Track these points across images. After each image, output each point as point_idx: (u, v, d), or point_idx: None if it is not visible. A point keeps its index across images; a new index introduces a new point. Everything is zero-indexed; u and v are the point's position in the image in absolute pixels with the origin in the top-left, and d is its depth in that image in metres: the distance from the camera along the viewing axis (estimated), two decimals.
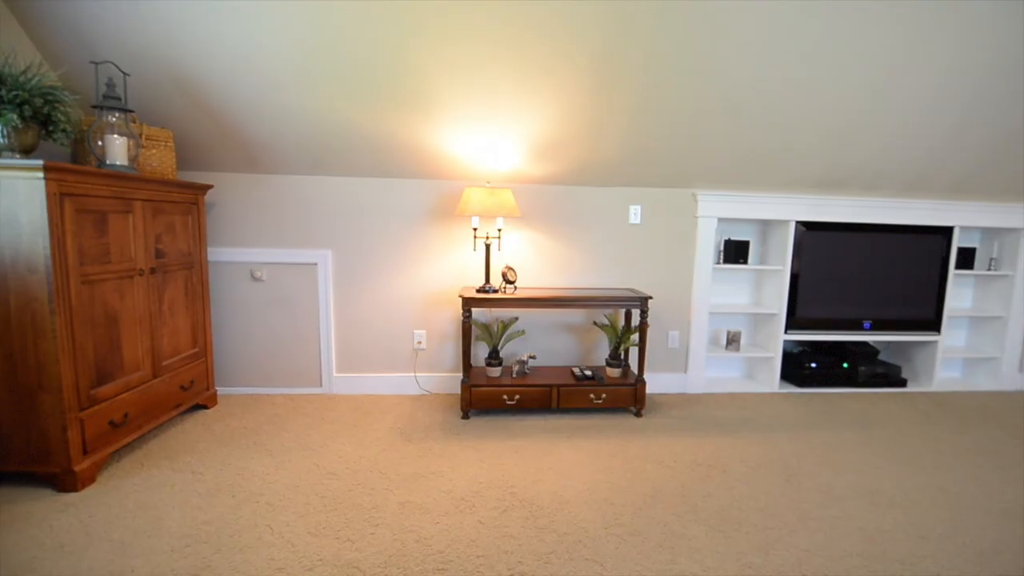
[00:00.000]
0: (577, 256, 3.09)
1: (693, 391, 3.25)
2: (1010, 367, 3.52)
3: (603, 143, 2.71)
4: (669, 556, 1.67)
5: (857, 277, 3.33)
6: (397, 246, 2.97)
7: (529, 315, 3.07)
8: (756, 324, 3.51)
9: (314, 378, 3.05)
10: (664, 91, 2.43)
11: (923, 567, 1.63)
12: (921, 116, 2.66)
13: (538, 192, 3.00)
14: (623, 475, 2.18)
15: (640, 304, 2.74)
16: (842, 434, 2.65)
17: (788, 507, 1.96)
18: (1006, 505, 2.01)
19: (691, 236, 3.16)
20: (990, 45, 2.31)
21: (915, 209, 3.28)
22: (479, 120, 2.53)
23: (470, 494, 2.01)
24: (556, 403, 2.74)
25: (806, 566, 1.63)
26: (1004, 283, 3.52)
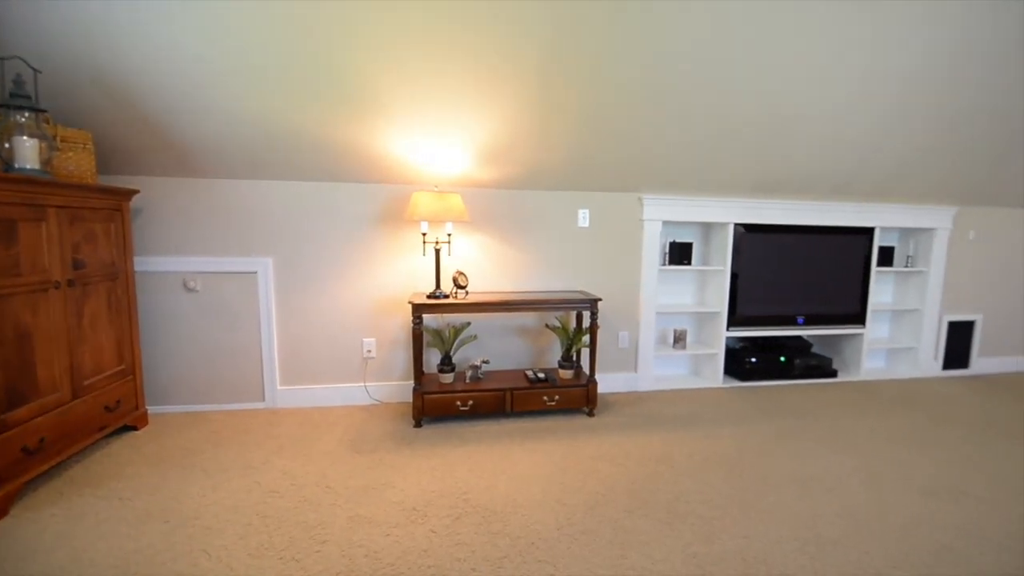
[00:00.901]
0: (528, 260, 3.11)
1: (643, 389, 3.34)
2: (926, 355, 3.83)
3: (550, 148, 2.75)
4: (620, 551, 1.70)
5: (791, 275, 3.53)
6: (343, 252, 2.89)
7: (481, 320, 3.06)
8: (701, 322, 3.65)
9: (256, 392, 2.91)
10: (608, 98, 2.50)
11: (852, 545, 1.74)
12: (844, 125, 2.86)
13: (487, 196, 3.01)
14: (576, 475, 2.20)
15: (590, 306, 2.79)
16: (780, 425, 2.79)
17: (730, 497, 2.04)
18: (924, 482, 2.18)
19: (638, 239, 3.25)
20: (906, 59, 2.52)
21: (841, 211, 3.51)
22: (426, 123, 2.51)
23: (422, 504, 1.97)
24: (510, 407, 2.74)
25: (747, 552, 1.70)
26: (920, 279, 3.83)
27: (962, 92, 2.77)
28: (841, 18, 2.29)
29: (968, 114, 2.90)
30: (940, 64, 2.58)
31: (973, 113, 2.90)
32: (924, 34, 2.41)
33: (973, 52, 2.55)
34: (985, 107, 2.87)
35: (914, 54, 2.52)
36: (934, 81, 2.68)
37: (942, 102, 2.81)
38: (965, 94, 2.78)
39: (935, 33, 2.41)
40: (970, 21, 2.39)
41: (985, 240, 3.85)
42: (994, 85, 2.75)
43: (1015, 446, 2.57)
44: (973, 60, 2.58)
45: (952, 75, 2.66)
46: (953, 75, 2.66)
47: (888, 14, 2.31)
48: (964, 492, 2.10)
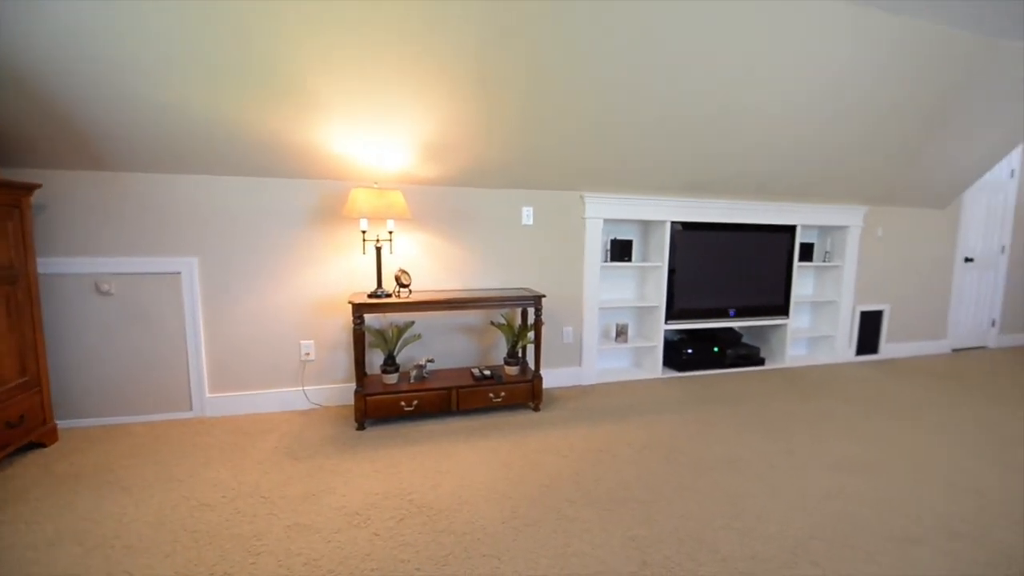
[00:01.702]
0: (472, 257, 3.10)
1: (587, 382, 3.42)
2: (842, 343, 4.17)
3: (493, 146, 2.76)
4: (563, 540, 1.74)
5: (723, 270, 3.73)
6: (277, 251, 2.77)
7: (425, 318, 3.02)
8: (641, 316, 3.79)
9: (182, 401, 2.73)
10: (547, 98, 2.54)
11: (773, 519, 1.86)
12: (768, 131, 3.06)
13: (430, 193, 2.97)
14: (521, 469, 2.22)
15: (534, 303, 2.83)
16: (713, 411, 2.95)
17: (667, 481, 2.13)
18: (835, 459, 2.37)
19: (580, 236, 3.33)
20: (824, 77, 2.73)
21: (766, 210, 3.75)
22: (364, 119, 2.45)
23: (365, 507, 1.92)
24: (456, 405, 2.72)
25: (682, 531, 1.78)
26: (836, 272, 4.16)
27: (871, 107, 3.04)
28: (767, 38, 2.45)
29: (876, 126, 3.19)
30: (853, 82, 2.82)
31: (881, 125, 3.19)
32: (842, 54, 2.63)
33: (882, 72, 2.81)
34: (891, 120, 3.17)
35: (831, 72, 2.74)
36: (848, 97, 2.93)
37: (854, 115, 3.07)
38: (874, 109, 3.06)
39: (852, 53, 2.63)
40: (883, 45, 2.63)
41: (891, 237, 4.24)
42: (898, 102, 3.03)
43: (913, 422, 2.85)
44: (882, 79, 2.84)
45: (863, 92, 2.92)
46: (864, 92, 2.92)
47: (810, 36, 2.50)
48: (871, 466, 2.31)
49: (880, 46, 2.69)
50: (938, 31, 2.68)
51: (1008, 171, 4.62)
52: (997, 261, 4.74)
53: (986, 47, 2.85)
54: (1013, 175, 4.63)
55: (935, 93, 3.09)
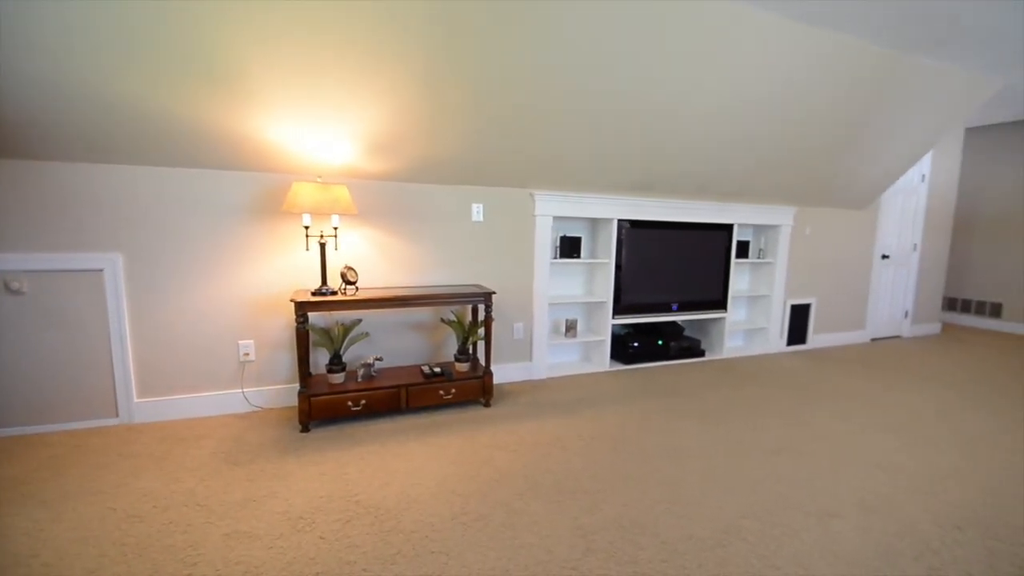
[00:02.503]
0: (422, 254, 3.07)
1: (538, 377, 3.48)
2: (774, 334, 4.44)
3: (442, 142, 2.74)
4: (511, 533, 1.76)
5: (666, 266, 3.88)
6: (212, 247, 2.63)
7: (373, 316, 2.97)
8: (590, 311, 3.88)
9: (107, 407, 2.55)
10: (496, 97, 2.55)
11: (709, 502, 1.97)
12: (706, 134, 3.20)
13: (377, 189, 2.91)
14: (471, 465, 2.23)
15: (485, 299, 2.84)
16: (657, 402, 3.07)
17: (613, 471, 2.20)
18: (767, 443, 2.53)
19: (530, 233, 3.36)
20: (754, 81, 2.89)
21: (706, 209, 3.93)
22: (307, 110, 2.37)
23: (310, 511, 1.87)
24: (405, 403, 2.69)
25: (624, 518, 1.85)
26: (768, 268, 4.42)
27: (799, 114, 3.24)
28: (705, 49, 2.56)
29: (803, 132, 3.41)
30: (782, 91, 3.00)
31: (807, 131, 3.41)
32: (772, 65, 2.79)
33: (808, 83, 3.00)
34: (816, 127, 3.39)
35: (762, 82, 2.90)
36: (777, 105, 3.12)
37: (782, 121, 3.26)
38: (801, 116, 3.26)
39: (781, 64, 2.80)
40: (810, 57, 2.81)
41: (818, 235, 4.55)
42: (823, 111, 3.26)
43: (836, 406, 3.08)
44: (808, 90, 3.04)
45: (791, 101, 3.11)
46: (792, 101, 3.11)
47: (744, 47, 2.63)
48: (798, 448, 2.48)
49: (807, 59, 2.88)
50: (859, 45, 2.90)
51: (919, 176, 5.06)
52: (910, 258, 5.20)
53: (899, 62, 3.11)
54: (924, 180, 5.08)
55: (855, 103, 3.34)
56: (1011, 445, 2.57)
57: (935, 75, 3.32)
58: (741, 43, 2.68)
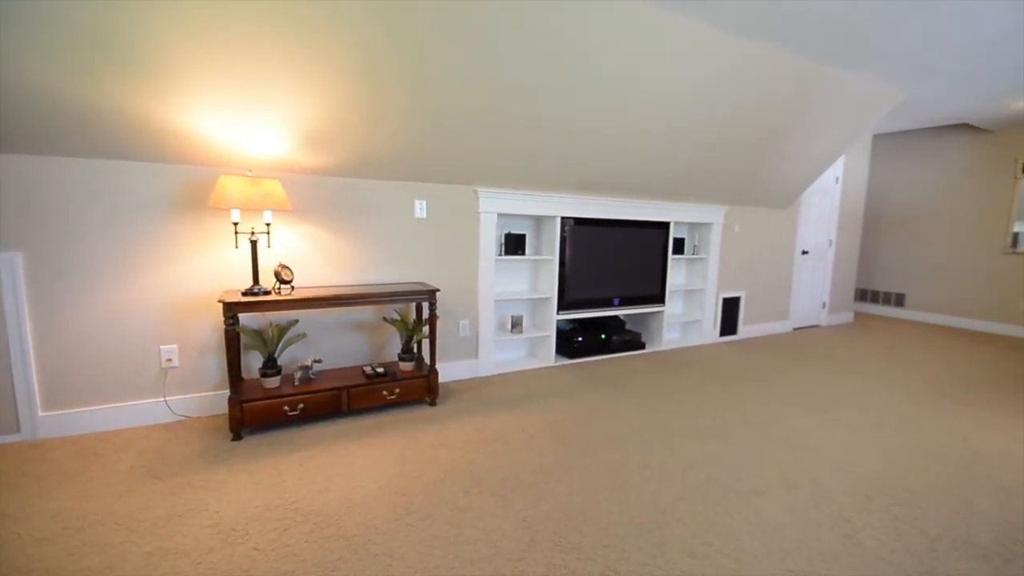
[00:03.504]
0: (363, 252, 2.98)
1: (485, 374, 3.47)
2: (708, 326, 4.68)
3: (382, 137, 2.67)
4: (456, 530, 1.75)
5: (608, 263, 3.99)
6: (130, 245, 2.43)
7: (312, 316, 2.85)
8: (535, 308, 3.93)
9: (7, 422, 2.29)
10: (439, 95, 2.53)
11: (647, 487, 2.05)
12: (644, 136, 3.32)
13: (314, 184, 2.80)
14: (416, 465, 2.20)
15: (428, 297, 2.80)
16: (600, 394, 3.16)
17: (557, 462, 2.24)
18: (700, 428, 2.66)
19: (474, 230, 3.35)
20: (686, 87, 3.03)
21: (644, 208, 4.08)
22: (237, 101, 2.23)
23: (242, 522, 1.78)
24: (347, 405, 2.61)
25: (568, 507, 1.89)
26: (702, 264, 4.65)
27: (726, 119, 3.43)
28: (641, 55, 2.66)
29: (730, 136, 3.61)
30: (711, 97, 3.16)
31: (734, 135, 3.61)
32: (701, 72, 2.93)
33: (735, 89, 3.18)
34: (742, 132, 3.60)
35: (693, 88, 3.04)
36: (706, 109, 3.28)
37: (711, 126, 3.44)
38: (728, 121, 3.45)
39: (710, 72, 2.94)
40: (736, 66, 2.97)
41: (746, 232, 4.84)
42: (747, 116, 3.46)
43: (762, 390, 3.29)
44: (734, 96, 3.22)
45: (719, 106, 3.29)
46: (720, 106, 3.29)
47: (676, 55, 2.75)
48: (728, 432, 2.63)
49: (734, 67, 3.05)
50: (781, 56, 3.11)
51: (834, 178, 5.50)
52: (826, 253, 5.64)
53: (816, 73, 3.37)
54: (838, 182, 5.52)
55: (777, 110, 3.58)
56: (913, 421, 2.85)
57: (847, 86, 3.61)
58: (675, 51, 2.80)
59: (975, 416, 2.94)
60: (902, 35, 2.88)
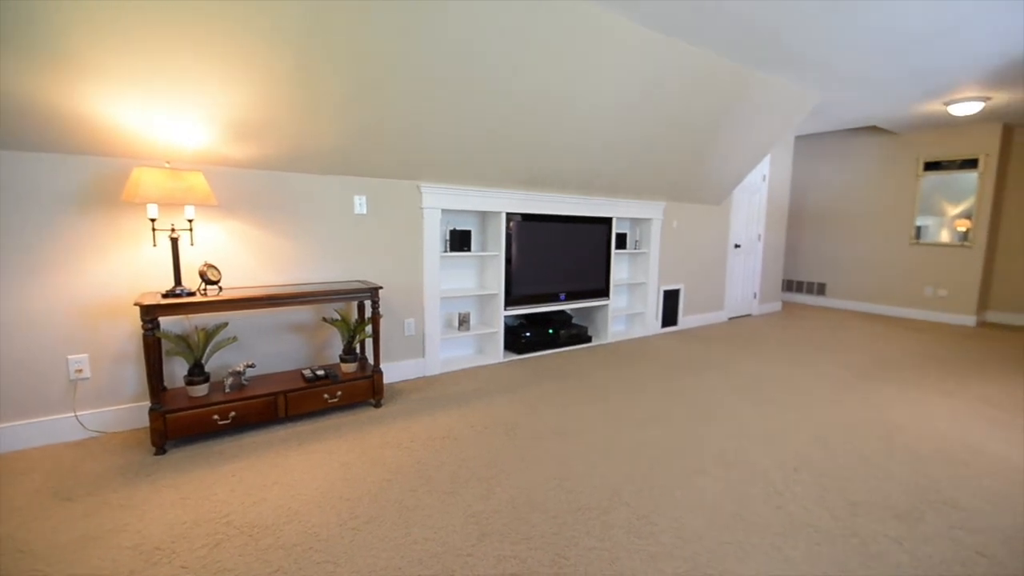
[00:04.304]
0: (299, 249, 2.85)
1: (432, 373, 3.41)
2: (651, 318, 4.84)
3: (317, 129, 2.56)
4: (404, 530, 1.70)
5: (554, 258, 4.03)
6: (31, 245, 2.18)
7: (243, 319, 2.69)
8: (482, 304, 3.91)
9: None
10: (378, 88, 2.45)
11: (595, 474, 2.08)
12: (585, 133, 3.38)
13: (243, 178, 2.64)
14: (360, 467, 2.12)
15: (370, 294, 2.71)
16: (547, 387, 3.18)
17: (506, 455, 2.23)
18: (643, 415, 2.74)
19: (418, 226, 3.29)
20: (622, 87, 3.10)
21: (588, 204, 4.16)
22: (154, 87, 2.06)
23: (168, 541, 1.64)
24: (285, 411, 2.48)
25: (517, 499, 1.88)
26: (644, 258, 4.80)
27: (661, 119, 3.56)
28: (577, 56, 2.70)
29: (666, 135, 3.74)
30: (647, 97, 3.26)
31: (669, 134, 3.75)
32: (637, 73, 3.02)
33: (669, 90, 3.30)
34: (676, 131, 3.75)
35: (629, 88, 3.13)
36: (643, 109, 3.38)
37: (647, 125, 3.56)
38: (663, 121, 3.58)
39: (645, 73, 3.04)
40: (670, 67, 3.08)
41: (684, 228, 5.04)
42: (681, 116, 3.61)
43: (700, 377, 3.44)
44: (669, 96, 3.34)
45: (654, 106, 3.40)
46: (655, 106, 3.40)
47: (612, 57, 2.81)
48: (669, 416, 2.72)
49: (670, 68, 3.17)
50: (712, 58, 3.26)
51: (761, 176, 5.84)
52: (755, 247, 5.98)
53: (744, 76, 3.56)
54: (764, 180, 5.87)
55: (710, 110, 3.75)
56: (836, 399, 3.07)
57: (770, 88, 3.85)
58: (611, 50, 2.86)
59: (890, 392, 3.21)
60: (815, 41, 3.09)
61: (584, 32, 2.70)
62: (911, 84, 4.01)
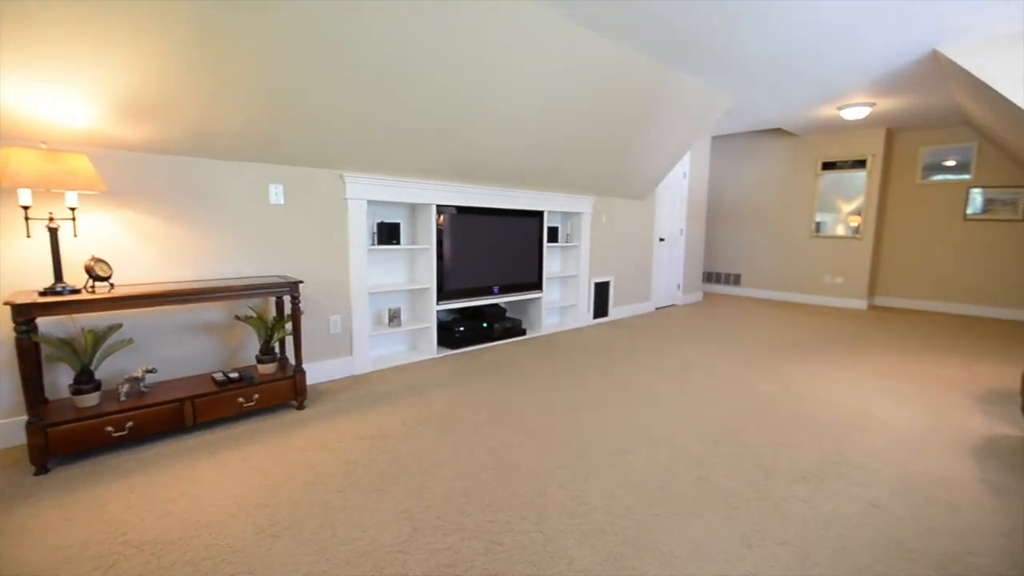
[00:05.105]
0: (209, 243, 2.62)
1: (361, 372, 3.27)
2: (583, 310, 4.95)
3: (225, 110, 2.36)
4: (330, 532, 1.61)
5: (487, 252, 4.01)
6: None
7: (142, 319, 2.42)
8: (414, 299, 3.81)
9: None
10: (293, 66, 2.30)
11: (530, 460, 2.08)
12: (515, 127, 3.38)
13: (139, 162, 2.38)
14: (281, 473, 1.98)
15: (290, 289, 2.55)
16: (483, 380, 3.15)
17: (440, 450, 2.18)
18: (579, 403, 2.79)
19: (343, 218, 3.13)
20: (548, 82, 3.13)
21: (520, 197, 4.17)
22: (25, 56, 1.80)
23: (52, 566, 1.44)
24: (193, 419, 2.27)
25: (452, 492, 1.84)
26: (575, 251, 4.91)
27: (588, 115, 3.64)
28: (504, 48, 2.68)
29: (592, 131, 3.83)
30: (573, 93, 3.32)
31: (595, 130, 3.85)
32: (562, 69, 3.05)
33: (596, 87, 3.37)
34: (602, 127, 3.85)
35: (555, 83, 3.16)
36: (569, 105, 3.44)
37: (574, 121, 3.62)
38: (590, 117, 3.66)
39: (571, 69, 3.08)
40: (595, 64, 3.14)
41: (613, 221, 5.20)
42: (606, 113, 3.71)
43: (629, 363, 3.57)
44: (596, 93, 3.41)
45: (581, 103, 3.47)
46: (582, 103, 3.47)
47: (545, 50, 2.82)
48: (602, 402, 2.79)
49: (596, 65, 3.24)
50: (636, 57, 3.37)
51: (682, 174, 6.16)
52: (678, 240, 6.30)
53: (665, 75, 3.72)
54: (685, 176, 6.20)
55: (632, 106, 3.89)
56: (750, 377, 3.28)
57: (688, 88, 4.05)
58: (540, 44, 2.88)
59: (796, 369, 3.49)
60: (727, 46, 3.29)
61: (509, 23, 2.69)
62: (808, 89, 4.38)
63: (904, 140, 6.20)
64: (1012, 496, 1.86)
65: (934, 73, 3.87)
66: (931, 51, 3.41)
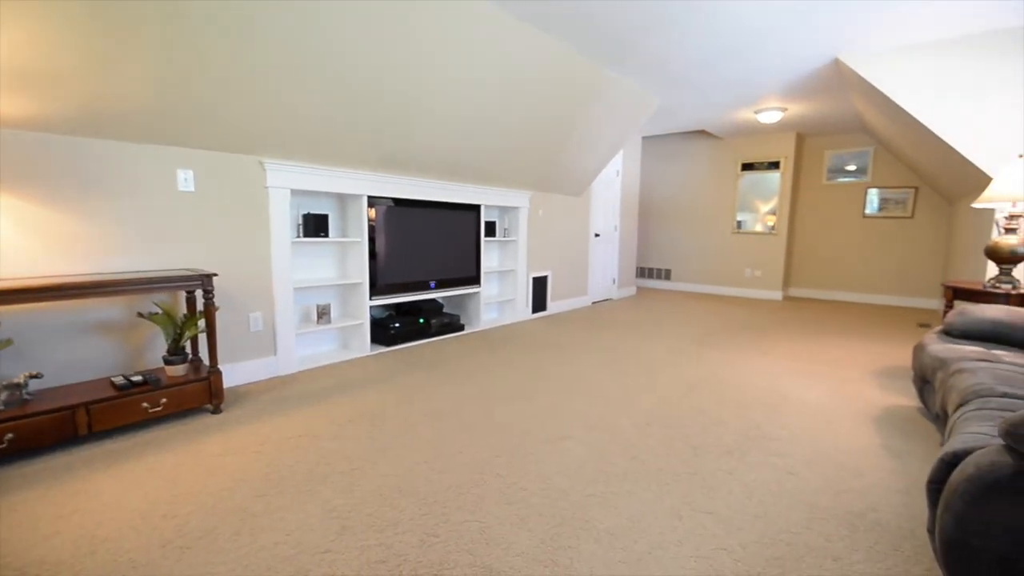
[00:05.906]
0: (106, 233, 2.35)
1: (287, 372, 3.08)
2: (521, 304, 4.97)
3: (121, 85, 2.13)
4: (249, 538, 1.48)
5: (423, 245, 3.91)
6: None
7: (22, 318, 2.13)
8: (344, 295, 3.64)
9: None
10: (196, 39, 2.10)
11: (466, 452, 2.04)
12: (449, 118, 3.32)
13: (21, 141, 2.09)
14: (193, 481, 1.81)
15: (202, 283, 2.34)
16: (419, 376, 3.07)
17: (372, 447, 2.08)
18: (516, 394, 2.78)
19: (263, 208, 2.93)
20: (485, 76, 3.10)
21: (456, 190, 4.11)
22: None
23: None
24: (87, 427, 2.02)
25: (384, 488, 1.76)
26: (513, 246, 4.91)
27: (524, 111, 3.64)
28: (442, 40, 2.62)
29: (528, 126, 3.85)
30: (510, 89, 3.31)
31: (531, 126, 3.87)
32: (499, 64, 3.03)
33: (531, 82, 3.38)
34: (538, 123, 3.88)
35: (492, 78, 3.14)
36: (506, 96, 3.43)
37: (511, 116, 3.62)
38: (526, 112, 3.67)
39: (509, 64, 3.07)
40: (532, 60, 3.14)
41: (549, 217, 5.26)
42: (542, 109, 3.73)
43: (565, 356, 3.62)
44: (531, 88, 3.42)
45: (518, 98, 3.46)
46: (518, 98, 3.47)
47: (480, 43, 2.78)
48: (539, 393, 2.80)
49: (530, 59, 3.25)
50: (570, 54, 3.41)
51: (615, 172, 6.35)
52: (613, 236, 6.49)
53: (598, 73, 3.80)
54: (618, 175, 6.40)
55: (566, 102, 3.94)
56: (678, 364, 3.43)
57: (619, 87, 4.17)
58: (476, 34, 2.84)
59: (720, 355, 3.68)
60: (654, 46, 3.42)
61: (445, 10, 2.63)
62: (728, 92, 4.65)
63: (812, 144, 6.76)
64: (908, 458, 2.06)
65: (837, 81, 4.23)
66: (833, 59, 3.72)
